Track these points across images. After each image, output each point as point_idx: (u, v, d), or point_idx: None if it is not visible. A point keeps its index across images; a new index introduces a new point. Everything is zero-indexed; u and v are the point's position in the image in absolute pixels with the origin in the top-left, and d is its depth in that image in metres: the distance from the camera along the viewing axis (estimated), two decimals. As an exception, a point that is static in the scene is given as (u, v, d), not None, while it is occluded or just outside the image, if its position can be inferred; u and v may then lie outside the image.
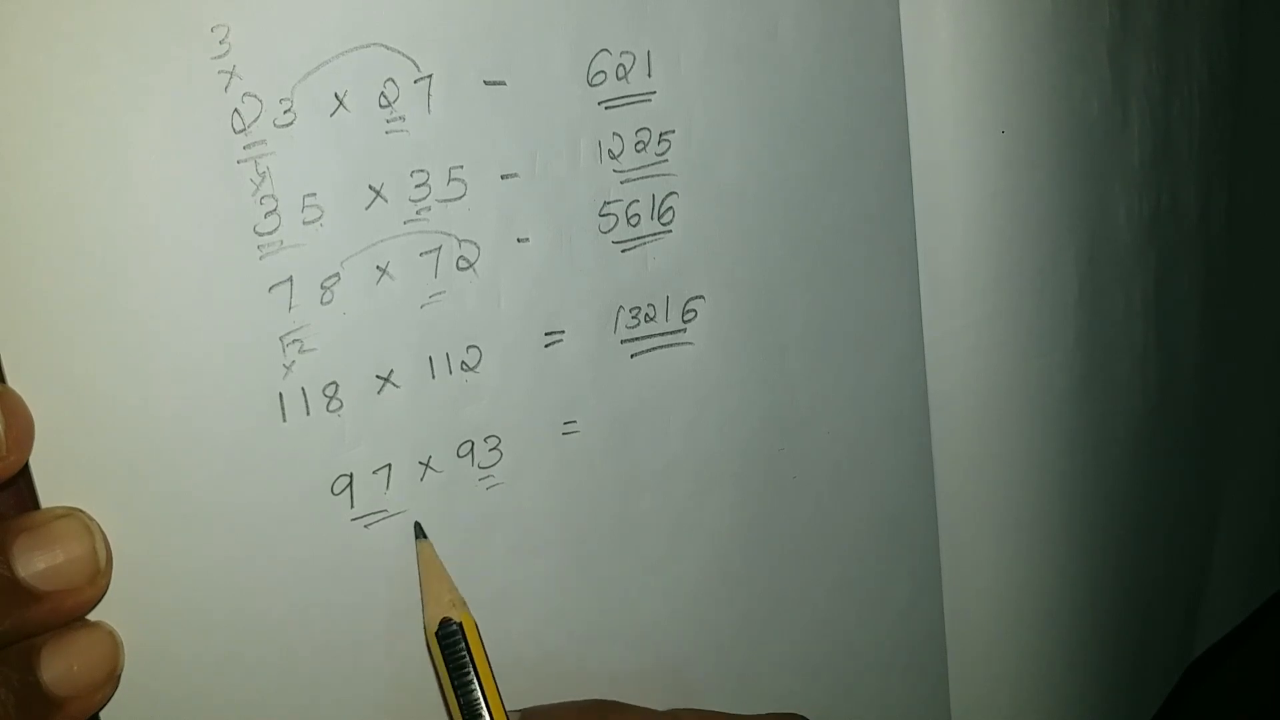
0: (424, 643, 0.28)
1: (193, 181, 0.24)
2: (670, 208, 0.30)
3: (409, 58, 0.26)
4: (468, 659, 0.26)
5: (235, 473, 0.26)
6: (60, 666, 0.24)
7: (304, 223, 0.25)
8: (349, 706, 0.28)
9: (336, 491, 0.27)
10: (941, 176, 0.35)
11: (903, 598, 0.36)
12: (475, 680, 0.26)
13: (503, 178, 0.27)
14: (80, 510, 0.25)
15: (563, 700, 0.31)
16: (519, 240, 0.28)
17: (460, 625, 0.26)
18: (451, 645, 0.26)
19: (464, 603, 0.27)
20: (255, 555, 0.26)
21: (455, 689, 0.26)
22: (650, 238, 0.30)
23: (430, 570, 0.27)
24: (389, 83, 0.26)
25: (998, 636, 0.39)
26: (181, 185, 0.24)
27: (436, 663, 0.27)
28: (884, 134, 0.33)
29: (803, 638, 0.34)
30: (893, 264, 0.34)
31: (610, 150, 0.29)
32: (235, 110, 0.24)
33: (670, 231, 0.30)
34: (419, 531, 0.28)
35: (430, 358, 0.27)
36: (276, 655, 0.27)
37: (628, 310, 0.30)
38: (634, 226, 0.29)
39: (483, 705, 0.26)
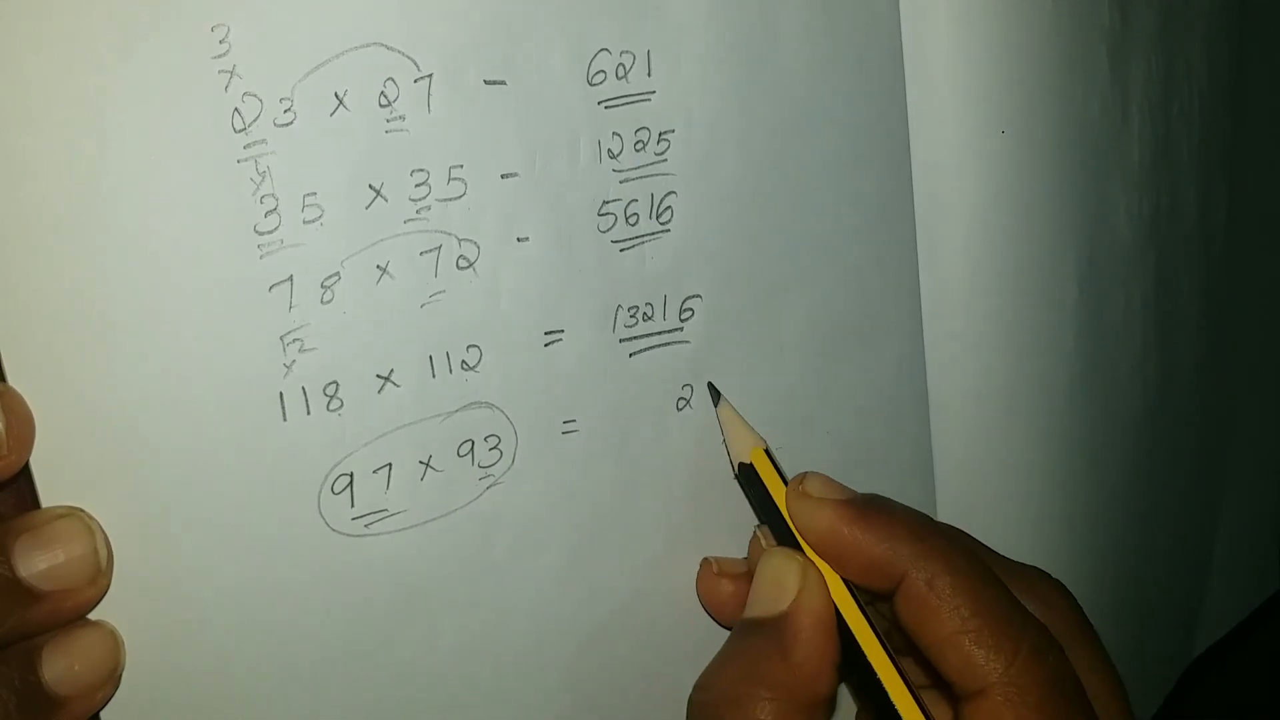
0: (420, 645, 0.29)
1: (193, 181, 0.24)
2: (669, 207, 0.30)
3: (409, 57, 0.26)
4: (765, 490, 0.30)
5: (236, 472, 0.26)
6: (61, 666, 0.24)
7: (304, 222, 0.25)
8: (348, 707, 0.28)
9: (337, 491, 0.27)
10: (942, 176, 0.35)
11: (903, 597, 0.36)
12: (774, 505, 0.30)
13: (503, 177, 0.28)
14: (81, 510, 0.25)
15: (564, 704, 0.31)
16: (519, 240, 0.28)
17: (751, 464, 0.30)
18: (750, 482, 0.30)
19: (757, 441, 0.30)
20: (255, 555, 0.26)
21: (767, 518, 0.30)
22: (649, 237, 0.30)
23: (728, 424, 0.31)
24: (389, 82, 0.26)
25: (998, 636, 0.39)
26: (182, 185, 0.24)
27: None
28: (884, 134, 0.33)
29: (803, 637, 0.34)
30: (893, 264, 0.34)
31: (610, 150, 0.29)
32: (235, 110, 0.24)
33: (669, 231, 0.30)
34: (714, 390, 0.31)
35: (430, 357, 0.27)
36: (276, 654, 0.27)
37: (626, 309, 0.30)
38: (633, 226, 0.30)
39: (788, 524, 0.29)
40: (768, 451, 0.30)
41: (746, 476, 0.30)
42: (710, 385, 0.31)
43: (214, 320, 0.25)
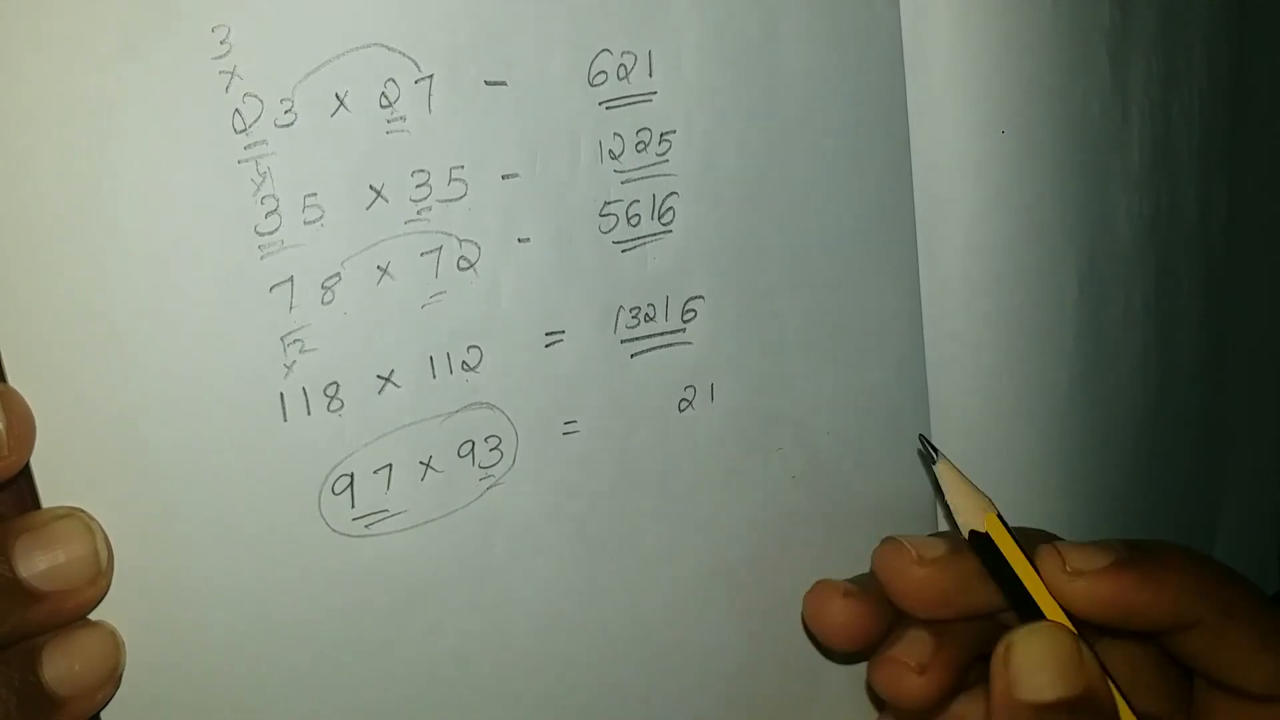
0: (420, 645, 0.29)
1: (193, 181, 0.24)
2: (670, 208, 0.30)
3: (409, 58, 0.26)
4: (1002, 557, 0.29)
5: (236, 472, 0.26)
6: (62, 666, 0.24)
7: (305, 223, 0.25)
8: (348, 707, 0.28)
9: (337, 491, 0.27)
10: (942, 176, 0.35)
11: (903, 598, 0.36)
12: (1013, 573, 0.28)
13: (503, 178, 0.28)
14: (81, 510, 0.25)
15: (565, 704, 0.31)
16: (519, 240, 0.28)
17: (987, 533, 0.29)
18: (986, 549, 0.29)
19: (987, 506, 0.29)
20: (256, 555, 0.26)
21: (1001, 586, 0.29)
22: (650, 238, 0.30)
23: (951, 486, 0.30)
24: (390, 83, 0.26)
25: (998, 636, 0.39)
26: (182, 185, 0.24)
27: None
28: (884, 134, 0.33)
29: (802, 638, 0.34)
30: (893, 264, 0.34)
31: (611, 150, 0.29)
32: (236, 110, 0.24)
33: (670, 231, 0.30)
34: (927, 445, 0.31)
35: (431, 358, 0.27)
36: (276, 654, 0.27)
37: (627, 310, 0.30)
38: (634, 226, 0.30)
39: (1026, 593, 0.28)
40: (999, 516, 0.29)
41: (980, 545, 0.29)
42: (923, 439, 0.31)
43: (214, 320, 0.25)
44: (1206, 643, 0.28)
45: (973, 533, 0.29)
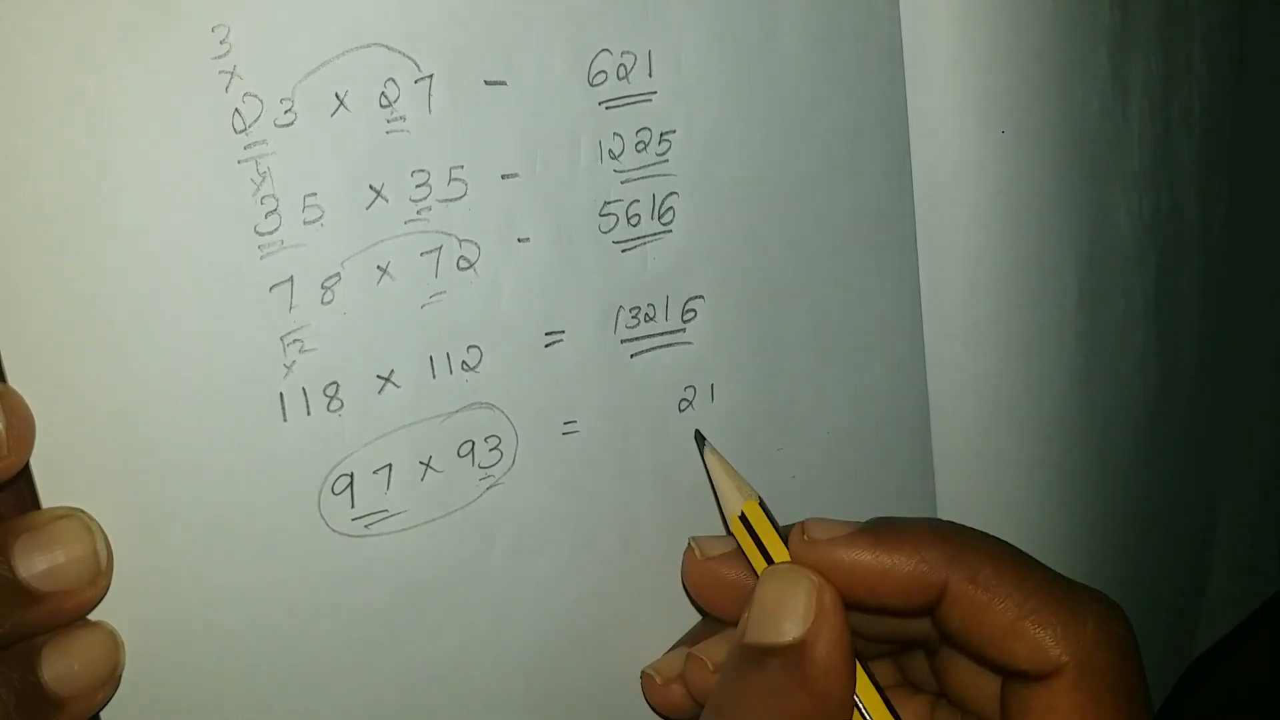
0: (420, 645, 0.29)
1: (193, 181, 0.24)
2: (670, 208, 0.30)
3: (410, 58, 0.26)
4: (756, 540, 0.28)
5: (236, 472, 0.26)
6: (61, 666, 0.24)
7: (305, 222, 0.25)
8: (348, 707, 0.28)
9: (337, 491, 0.27)
10: (941, 176, 0.35)
11: (903, 598, 0.36)
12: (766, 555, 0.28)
13: (503, 178, 0.28)
14: (81, 510, 0.25)
15: (565, 705, 0.31)
16: (519, 240, 0.28)
17: (743, 515, 0.29)
18: (747, 533, 0.29)
19: (749, 494, 0.29)
20: (256, 555, 0.26)
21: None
22: (650, 238, 0.30)
23: (713, 478, 0.30)
24: (390, 83, 0.26)
25: (998, 636, 0.39)
26: (182, 185, 0.24)
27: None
28: (884, 134, 0.33)
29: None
30: (893, 264, 0.34)
31: (611, 150, 0.29)
32: (236, 110, 0.24)
33: (670, 231, 0.30)
34: (700, 438, 0.31)
35: (431, 357, 0.27)
36: (276, 655, 0.27)
37: (628, 310, 0.30)
38: (634, 226, 0.30)
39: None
40: (762, 504, 0.29)
41: (741, 530, 0.29)
42: (697, 433, 0.31)
43: (214, 320, 0.25)
44: (962, 615, 0.26)
45: (734, 519, 0.29)
